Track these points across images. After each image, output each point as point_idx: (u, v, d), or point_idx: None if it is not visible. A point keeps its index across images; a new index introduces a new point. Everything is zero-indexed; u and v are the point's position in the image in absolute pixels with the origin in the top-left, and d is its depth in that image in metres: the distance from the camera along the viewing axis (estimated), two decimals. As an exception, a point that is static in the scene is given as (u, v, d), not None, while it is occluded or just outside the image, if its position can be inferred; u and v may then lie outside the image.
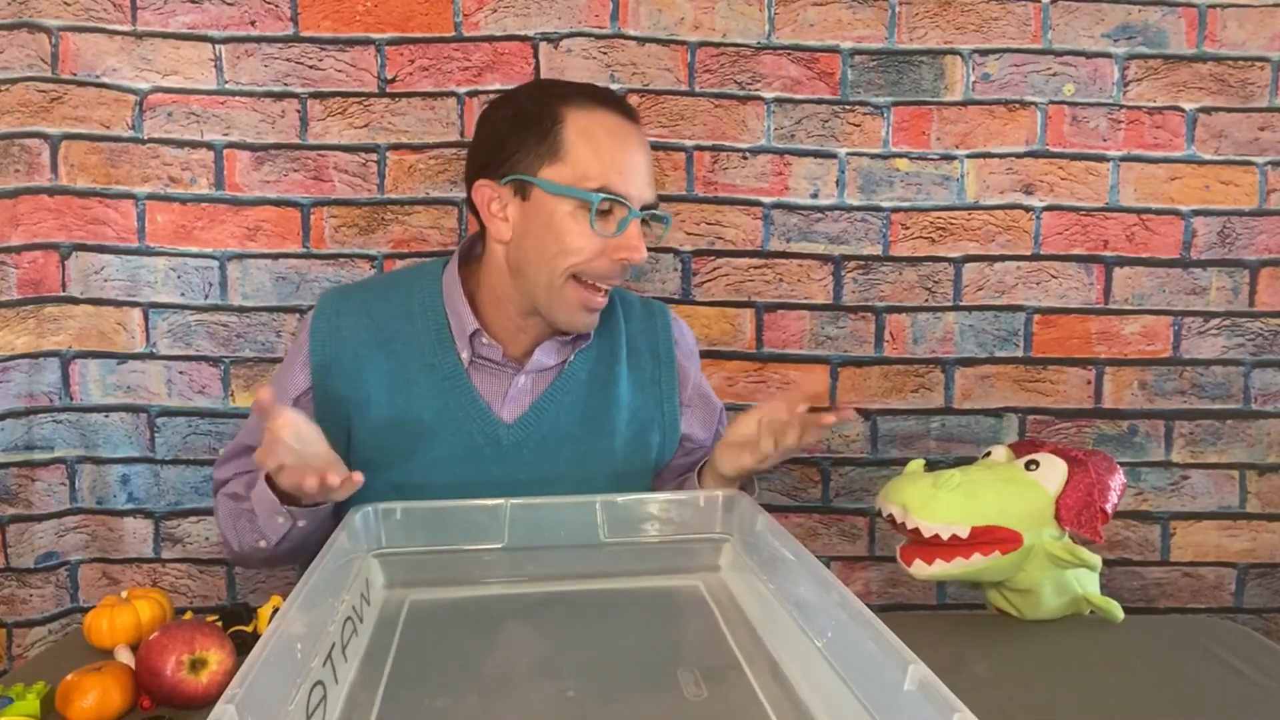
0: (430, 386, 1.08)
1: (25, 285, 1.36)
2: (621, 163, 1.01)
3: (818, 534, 1.49)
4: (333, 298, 1.13)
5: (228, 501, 1.09)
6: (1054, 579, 1.04)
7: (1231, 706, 0.87)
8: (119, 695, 0.81)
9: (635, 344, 1.16)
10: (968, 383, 1.48)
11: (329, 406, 1.08)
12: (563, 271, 1.02)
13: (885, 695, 0.59)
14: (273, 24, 1.37)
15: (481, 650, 0.82)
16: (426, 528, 0.94)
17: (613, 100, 1.06)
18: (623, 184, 1.01)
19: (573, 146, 1.01)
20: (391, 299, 1.12)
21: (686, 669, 0.76)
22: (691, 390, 1.20)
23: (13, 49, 1.32)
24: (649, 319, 1.18)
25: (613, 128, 1.03)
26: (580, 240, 1.01)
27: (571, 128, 1.01)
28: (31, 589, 1.39)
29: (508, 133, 1.04)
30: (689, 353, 1.22)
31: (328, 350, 1.09)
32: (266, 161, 1.39)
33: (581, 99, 1.03)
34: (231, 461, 1.13)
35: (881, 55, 1.42)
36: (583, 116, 1.02)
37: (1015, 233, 1.45)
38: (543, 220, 1.02)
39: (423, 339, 1.09)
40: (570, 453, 1.09)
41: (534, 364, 1.10)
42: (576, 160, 1.00)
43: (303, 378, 1.09)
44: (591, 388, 1.12)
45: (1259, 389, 1.48)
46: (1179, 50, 1.43)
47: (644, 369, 1.15)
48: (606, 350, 1.13)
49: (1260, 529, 1.50)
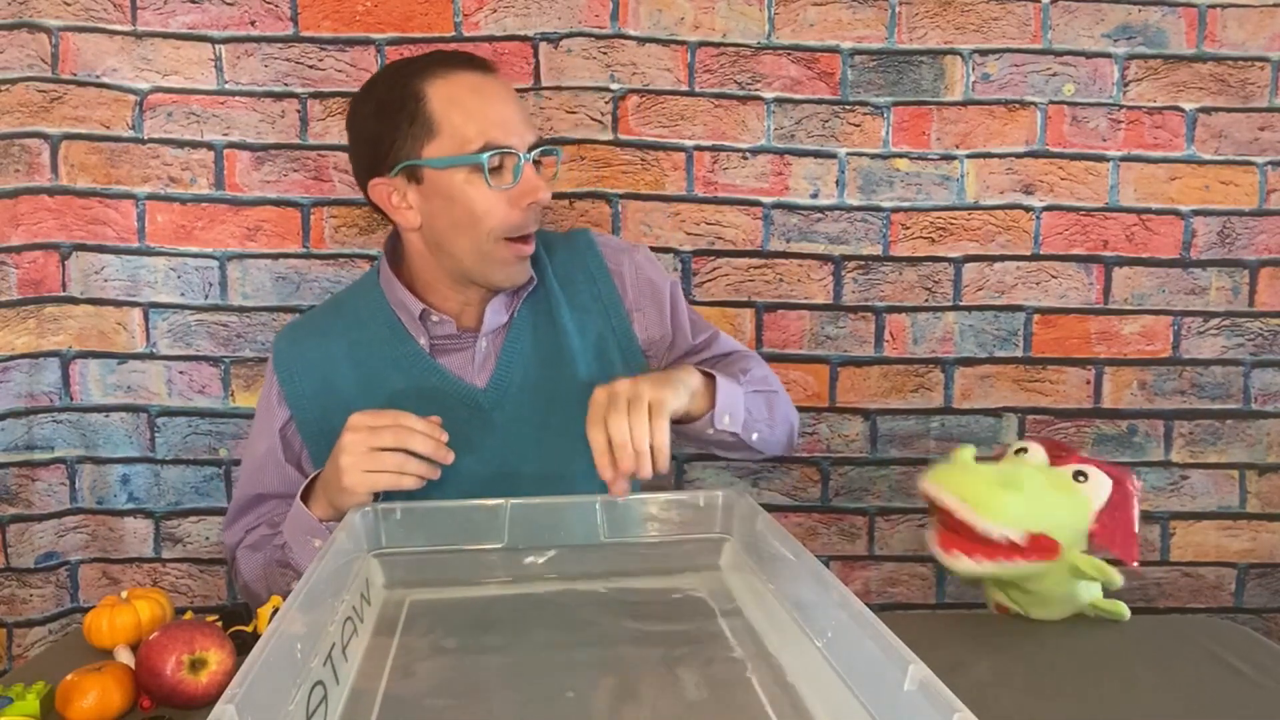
0: (401, 380, 1.09)
1: (25, 285, 1.36)
2: (494, 115, 1.02)
3: (817, 533, 1.49)
4: (285, 333, 1.17)
5: (250, 555, 1.09)
6: (1072, 587, 1.04)
7: (1231, 706, 0.87)
8: (119, 695, 0.81)
9: (566, 273, 1.16)
10: (967, 383, 1.48)
11: (313, 427, 1.09)
12: (486, 235, 1.03)
13: (885, 695, 0.59)
14: (273, 24, 1.37)
15: (481, 650, 0.82)
16: (426, 527, 0.94)
17: (462, 59, 1.06)
18: (503, 135, 1.01)
19: (444, 118, 1.01)
20: (341, 313, 1.15)
21: (686, 669, 0.76)
22: (633, 291, 1.17)
23: (13, 49, 1.33)
24: (570, 244, 1.18)
25: (473, 85, 1.03)
26: (486, 202, 1.02)
27: (435, 100, 1.02)
28: (31, 589, 1.39)
29: (379, 126, 1.04)
30: (619, 250, 1.19)
31: (296, 378, 1.11)
32: (266, 161, 1.39)
33: (434, 69, 1.04)
34: (239, 520, 1.13)
35: (881, 55, 1.42)
36: (441, 85, 1.02)
37: (1015, 233, 1.45)
38: (444, 196, 1.03)
39: (380, 339, 1.11)
40: (542, 396, 1.10)
41: (488, 325, 1.11)
42: (452, 130, 1.01)
43: (281, 411, 1.11)
44: (538, 329, 1.13)
45: (1259, 389, 1.48)
46: (1179, 50, 1.43)
47: (581, 293, 1.15)
48: (542, 290, 1.14)
49: (1260, 529, 1.50)
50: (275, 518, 1.08)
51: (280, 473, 1.10)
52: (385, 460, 0.92)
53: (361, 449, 0.92)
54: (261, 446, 1.12)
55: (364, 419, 0.94)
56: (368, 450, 0.92)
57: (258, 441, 1.13)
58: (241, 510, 1.13)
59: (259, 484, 1.12)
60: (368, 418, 0.94)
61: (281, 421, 1.11)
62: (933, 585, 1.51)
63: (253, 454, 1.13)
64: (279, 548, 1.03)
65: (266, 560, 1.06)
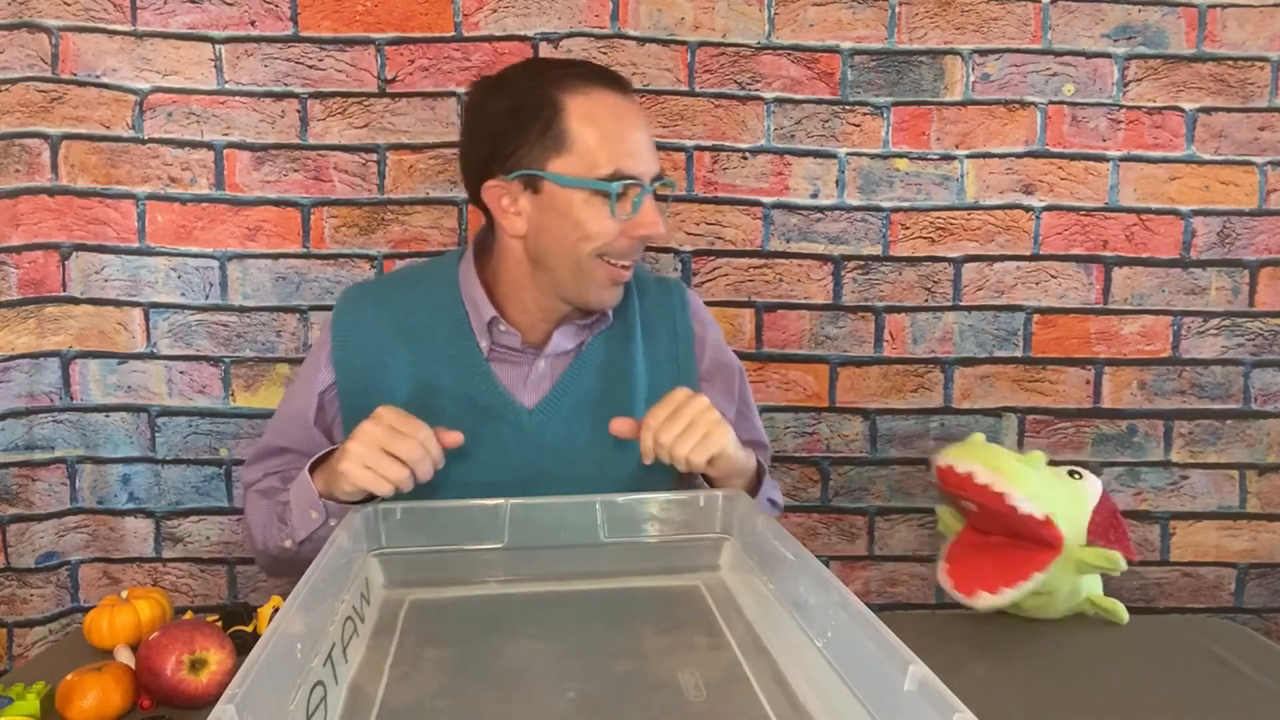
0: (452, 377, 1.08)
1: (26, 285, 1.36)
2: (629, 143, 1.00)
3: (817, 533, 1.50)
4: (354, 293, 1.14)
5: (258, 499, 1.09)
6: (1073, 585, 1.04)
7: (1231, 706, 0.87)
8: (119, 695, 0.81)
9: (650, 321, 1.15)
10: (967, 382, 1.48)
11: (353, 399, 1.08)
12: (588, 254, 1.02)
13: (885, 695, 0.59)
14: (273, 24, 1.37)
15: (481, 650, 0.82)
16: (426, 527, 0.94)
17: (606, 76, 1.04)
18: (634, 164, 1.00)
19: (578, 135, 1.00)
20: (411, 292, 1.12)
21: (686, 669, 0.76)
22: (709, 363, 1.18)
23: (13, 49, 1.33)
24: (664, 295, 1.17)
25: (613, 108, 1.02)
26: (600, 225, 1.01)
27: (573, 116, 1.00)
28: (32, 589, 1.39)
29: (508, 127, 1.02)
30: (705, 322, 1.20)
31: (350, 344, 1.09)
32: (266, 161, 1.39)
33: (576, 81, 1.02)
34: (261, 462, 1.13)
35: (881, 55, 1.42)
36: (582, 101, 1.00)
37: (1015, 233, 1.45)
38: (559, 212, 1.01)
39: (442, 330, 1.09)
40: (590, 433, 1.08)
41: (553, 348, 1.10)
42: (585, 149, 0.99)
43: (326, 373, 1.10)
44: (608, 368, 1.11)
45: (1259, 389, 1.48)
46: (1179, 50, 1.43)
47: (660, 345, 1.14)
48: (621, 330, 1.13)
49: (1260, 529, 1.50)
50: (292, 471, 1.07)
51: (307, 433, 1.10)
52: (389, 467, 0.91)
53: (374, 444, 0.91)
54: (298, 403, 1.11)
55: (392, 417, 0.93)
56: (378, 449, 0.91)
57: (296, 396, 1.12)
58: (267, 453, 1.13)
59: (285, 436, 1.12)
60: (397, 418, 0.93)
61: (324, 385, 1.10)
62: (933, 585, 1.51)
63: (288, 406, 1.13)
64: (283, 504, 1.03)
65: (269, 511, 1.06)
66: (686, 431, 0.95)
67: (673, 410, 0.96)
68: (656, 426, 0.96)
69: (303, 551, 1.01)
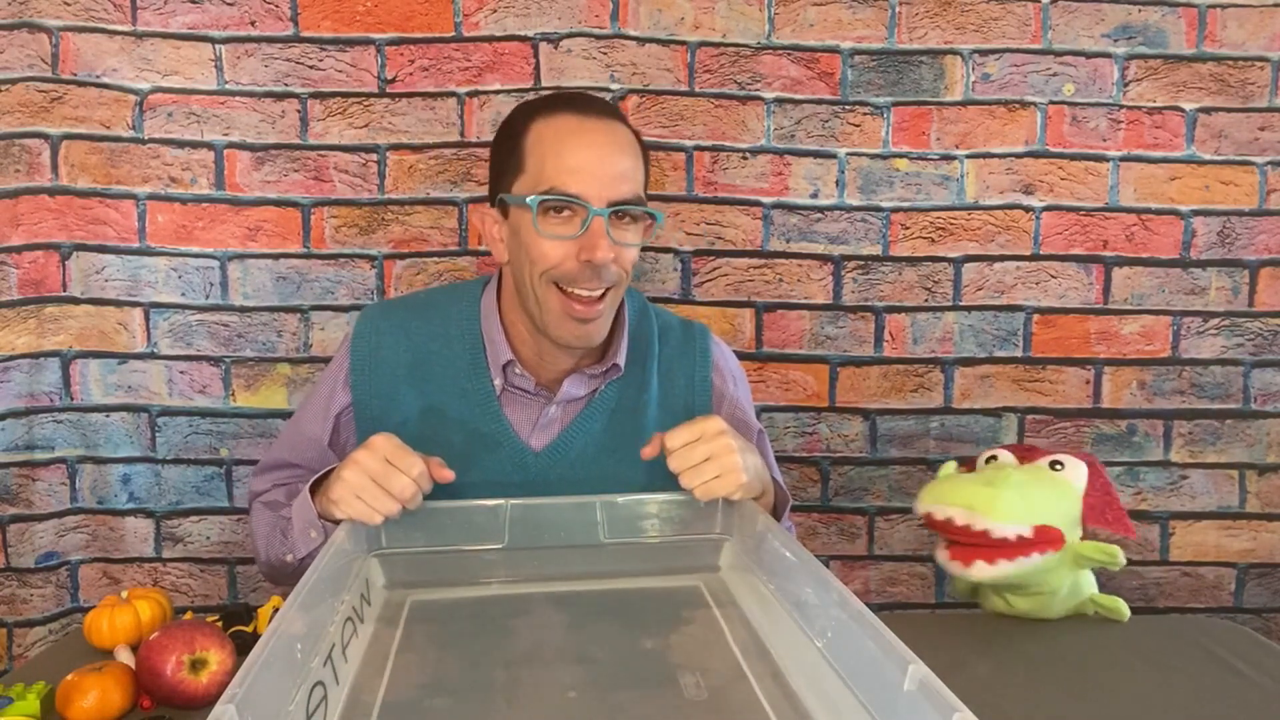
0: (462, 412, 1.07)
1: (26, 285, 1.36)
2: (571, 161, 0.97)
3: (817, 533, 1.50)
4: (374, 315, 1.13)
5: (264, 511, 1.09)
6: (1072, 581, 1.04)
7: (1231, 706, 0.87)
8: (119, 695, 0.81)
9: (668, 368, 1.13)
10: (967, 382, 1.48)
11: (366, 425, 1.08)
12: (539, 278, 1.00)
13: (885, 695, 0.59)
14: (273, 24, 1.37)
15: (481, 650, 0.82)
16: (426, 528, 0.94)
17: (580, 101, 1.04)
18: (574, 183, 0.97)
19: (529, 155, 1.00)
20: (430, 319, 1.11)
21: (686, 669, 0.76)
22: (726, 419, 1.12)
23: (13, 49, 1.33)
24: (687, 343, 1.15)
25: (569, 128, 1.00)
26: (543, 244, 0.99)
27: (530, 137, 1.00)
28: (32, 589, 1.39)
29: (493, 159, 1.06)
30: (727, 376, 1.17)
31: (366, 370, 1.09)
32: (267, 162, 1.39)
33: (548, 108, 1.02)
34: (270, 473, 1.13)
35: (881, 55, 1.42)
36: (542, 124, 1.00)
37: (1015, 233, 1.46)
38: (516, 234, 1.02)
39: (458, 364, 1.09)
40: (595, 481, 1.06)
41: (564, 394, 1.09)
42: (532, 168, 1.00)
43: (344, 395, 1.10)
44: (618, 416, 1.10)
45: (1258, 389, 1.48)
46: (1179, 50, 1.43)
47: (676, 395, 1.13)
48: (637, 377, 1.12)
49: (1260, 529, 1.50)
50: (298, 485, 1.07)
51: (321, 454, 1.10)
52: (380, 501, 0.89)
53: (366, 476, 0.90)
54: (315, 427, 1.11)
55: (388, 449, 0.91)
56: (371, 481, 0.90)
57: (313, 418, 1.11)
58: (276, 465, 1.13)
59: (297, 453, 1.11)
60: (392, 450, 0.91)
61: (341, 407, 1.10)
62: (932, 585, 1.51)
63: (304, 426, 1.12)
64: (286, 519, 1.02)
65: (272, 524, 1.06)
66: (701, 466, 0.93)
67: (695, 438, 0.94)
68: (674, 449, 0.94)
69: (304, 566, 1.01)
